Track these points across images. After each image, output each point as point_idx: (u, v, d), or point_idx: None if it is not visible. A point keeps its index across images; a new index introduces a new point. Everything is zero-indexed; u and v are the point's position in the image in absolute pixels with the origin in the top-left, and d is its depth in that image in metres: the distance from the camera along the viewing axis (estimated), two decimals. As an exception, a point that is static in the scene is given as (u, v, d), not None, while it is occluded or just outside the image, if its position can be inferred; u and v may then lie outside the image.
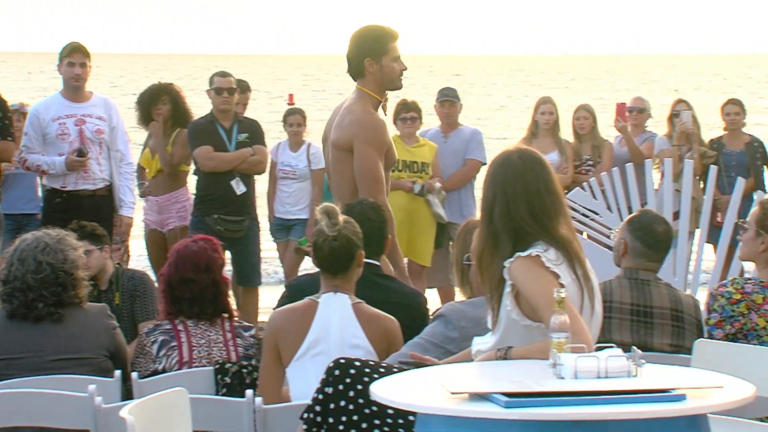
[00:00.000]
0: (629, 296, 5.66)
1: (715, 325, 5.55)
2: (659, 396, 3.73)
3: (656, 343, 5.63)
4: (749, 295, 5.52)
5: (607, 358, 3.93)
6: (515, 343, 4.35)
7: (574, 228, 4.56)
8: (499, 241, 4.36)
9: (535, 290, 4.27)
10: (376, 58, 6.49)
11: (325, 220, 5.14)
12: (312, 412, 4.52)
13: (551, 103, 10.69)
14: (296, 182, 10.47)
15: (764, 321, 5.48)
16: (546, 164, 4.45)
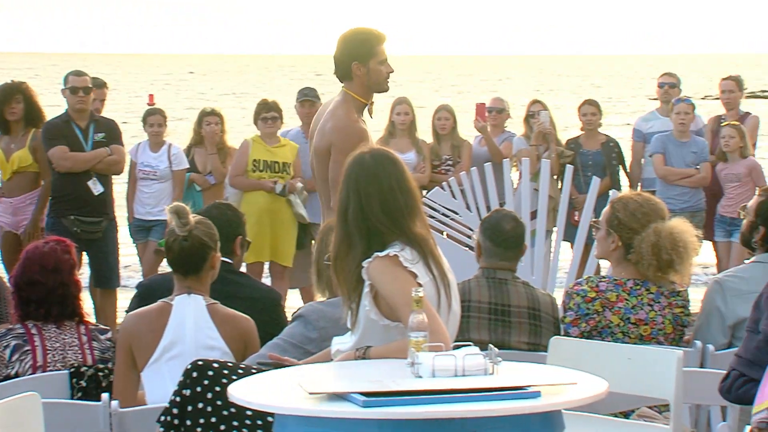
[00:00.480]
0: (487, 295, 5.71)
1: (571, 323, 5.64)
2: (515, 393, 3.77)
3: (514, 341, 5.70)
4: (604, 293, 5.62)
5: (464, 356, 3.97)
6: (374, 343, 4.36)
7: (430, 227, 4.59)
8: (354, 240, 4.37)
9: (394, 290, 4.28)
10: (364, 62, 6.48)
11: (175, 220, 5.10)
12: (169, 414, 4.48)
13: (407, 104, 10.76)
14: (157, 183, 10.35)
15: (618, 318, 5.58)
16: (399, 163, 4.47)
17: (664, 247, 5.50)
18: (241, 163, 10.04)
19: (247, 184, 10.01)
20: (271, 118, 10.10)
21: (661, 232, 5.51)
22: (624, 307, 5.59)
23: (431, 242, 4.43)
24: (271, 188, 9.86)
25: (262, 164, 9.94)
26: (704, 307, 5.82)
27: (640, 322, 5.57)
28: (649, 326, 5.58)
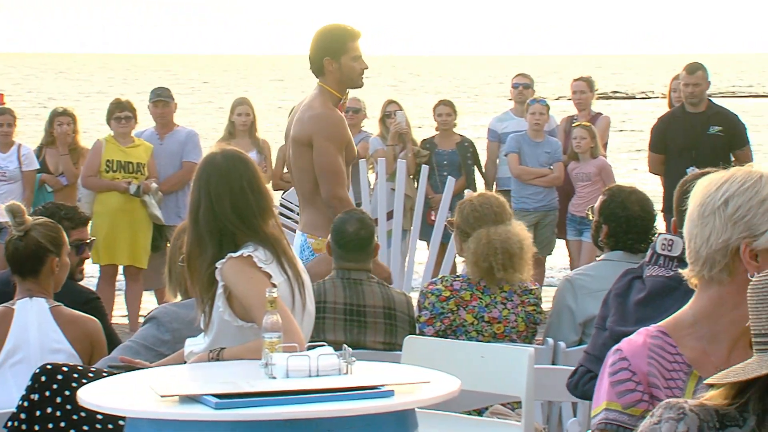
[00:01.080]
0: (342, 296, 5.72)
1: (426, 323, 5.68)
2: (368, 393, 3.78)
3: (369, 341, 5.72)
4: (458, 292, 5.67)
5: (319, 356, 3.96)
6: (228, 344, 4.33)
7: (286, 227, 4.58)
8: (206, 241, 4.34)
9: (248, 290, 4.26)
10: (336, 57, 6.54)
11: (11, 219, 5.00)
12: (17, 420, 4.38)
13: (247, 104, 10.73)
14: (6, 184, 10.14)
15: (472, 317, 5.64)
16: (251, 163, 4.45)
17: (482, 253, 5.60)
18: (94, 163, 9.88)
19: (100, 185, 9.86)
20: (124, 118, 9.96)
21: (481, 239, 5.62)
22: (478, 305, 5.65)
23: (284, 242, 4.42)
24: (125, 189, 9.73)
25: (116, 164, 9.80)
26: (555, 305, 5.91)
27: (493, 321, 5.64)
28: (503, 324, 5.65)
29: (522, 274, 5.67)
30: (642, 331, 2.78)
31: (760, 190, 2.65)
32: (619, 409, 2.69)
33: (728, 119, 9.88)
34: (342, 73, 6.56)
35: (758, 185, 2.66)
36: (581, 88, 11.23)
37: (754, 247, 2.63)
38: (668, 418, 2.22)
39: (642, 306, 4.05)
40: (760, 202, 2.64)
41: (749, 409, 2.19)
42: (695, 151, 9.52)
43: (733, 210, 2.66)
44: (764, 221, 2.63)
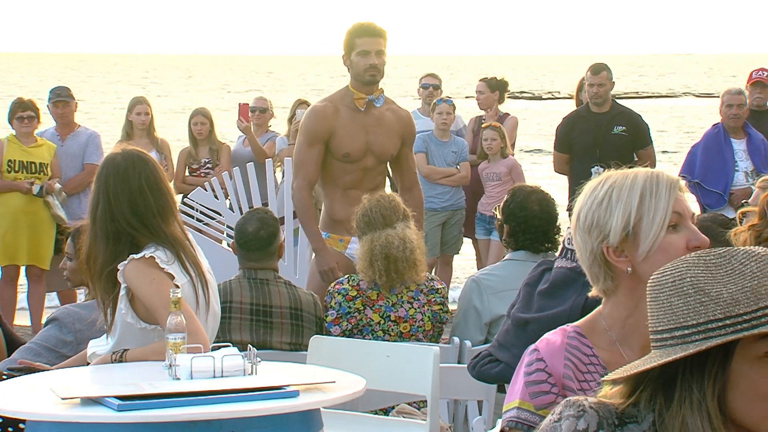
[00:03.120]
0: (249, 296, 5.69)
1: (333, 322, 5.67)
2: (273, 393, 3.76)
3: (275, 342, 5.69)
4: (365, 291, 5.67)
5: (223, 357, 3.94)
6: (132, 346, 4.28)
7: (192, 227, 4.54)
8: (104, 242, 4.28)
9: (151, 292, 4.21)
10: (347, 55, 6.71)
11: None
12: None
13: (146, 104, 10.65)
14: None
15: (378, 316, 5.64)
16: (151, 163, 4.41)
17: (367, 259, 5.62)
18: (-5, 163, 9.72)
19: (2, 186, 9.70)
20: (27, 118, 9.80)
21: (365, 245, 5.65)
22: (384, 305, 5.65)
23: (187, 243, 4.38)
24: (27, 189, 9.58)
25: (18, 165, 9.65)
26: (461, 304, 5.93)
27: (399, 320, 5.65)
28: (409, 323, 5.66)
29: (407, 276, 5.65)
30: (559, 331, 2.79)
31: (598, 193, 2.72)
32: (532, 409, 2.70)
33: (632, 119, 9.99)
34: (353, 69, 6.70)
35: (598, 190, 2.72)
36: (481, 89, 11.31)
37: (611, 244, 2.69)
38: (568, 415, 2.23)
39: (544, 296, 4.11)
40: (599, 204, 2.71)
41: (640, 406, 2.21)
42: (599, 150, 9.61)
43: (583, 221, 2.73)
44: (607, 217, 2.69)
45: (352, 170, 6.73)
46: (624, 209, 2.68)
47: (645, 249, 2.68)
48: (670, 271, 2.21)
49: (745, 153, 9.76)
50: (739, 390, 2.14)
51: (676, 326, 2.17)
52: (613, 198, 2.69)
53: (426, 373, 4.77)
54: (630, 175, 2.72)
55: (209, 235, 8.29)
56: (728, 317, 2.13)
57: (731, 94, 9.89)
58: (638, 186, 2.69)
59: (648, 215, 2.67)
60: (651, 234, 2.67)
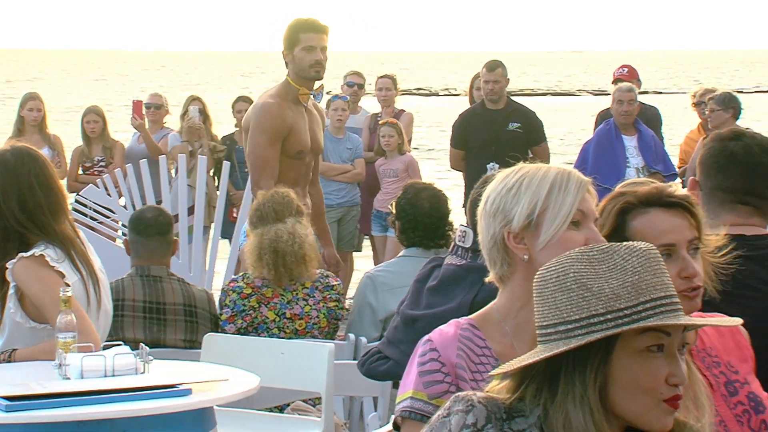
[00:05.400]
0: (141, 293, 5.64)
1: (228, 320, 5.65)
2: (165, 392, 3.74)
3: (170, 339, 5.65)
4: (259, 289, 5.66)
5: (114, 356, 3.91)
6: (21, 346, 4.23)
7: (84, 224, 4.50)
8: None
9: (40, 290, 4.16)
10: (289, 49, 6.66)
11: None
12: None
13: (39, 99, 10.53)
14: None
15: (274, 314, 5.63)
16: (41, 160, 4.35)
17: (255, 253, 5.63)
18: None
19: None
20: None
21: (254, 240, 5.66)
22: (280, 302, 5.65)
23: (78, 241, 4.33)
24: None
25: None
26: (356, 301, 5.94)
27: (295, 317, 5.64)
28: (304, 320, 5.66)
29: (297, 271, 5.65)
30: (453, 323, 2.82)
31: (509, 180, 2.77)
32: (425, 399, 2.71)
33: (527, 116, 10.09)
34: (295, 65, 6.65)
35: (509, 178, 2.78)
36: (386, 86, 11.34)
37: (512, 229, 2.74)
38: (457, 410, 2.25)
39: (433, 292, 4.13)
40: (508, 190, 2.76)
41: (526, 401, 2.24)
42: (495, 146, 9.70)
43: (489, 206, 2.78)
44: (513, 204, 2.75)
45: (298, 167, 6.75)
46: (531, 198, 2.73)
47: (545, 240, 2.72)
48: (555, 267, 2.25)
49: (636, 149, 9.92)
50: (620, 383, 2.18)
51: (559, 321, 2.21)
52: (522, 186, 2.74)
53: (320, 370, 4.78)
54: (543, 168, 2.78)
55: (102, 233, 8.20)
56: (609, 312, 2.17)
57: (622, 91, 10.05)
58: (549, 179, 2.75)
59: (554, 208, 2.73)
60: (553, 226, 2.72)
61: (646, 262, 2.21)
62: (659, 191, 2.95)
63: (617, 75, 10.94)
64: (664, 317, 2.17)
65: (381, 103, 11.35)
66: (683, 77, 74.83)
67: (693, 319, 2.25)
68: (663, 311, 2.17)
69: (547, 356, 2.18)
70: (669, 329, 2.18)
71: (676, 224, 2.90)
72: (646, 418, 2.20)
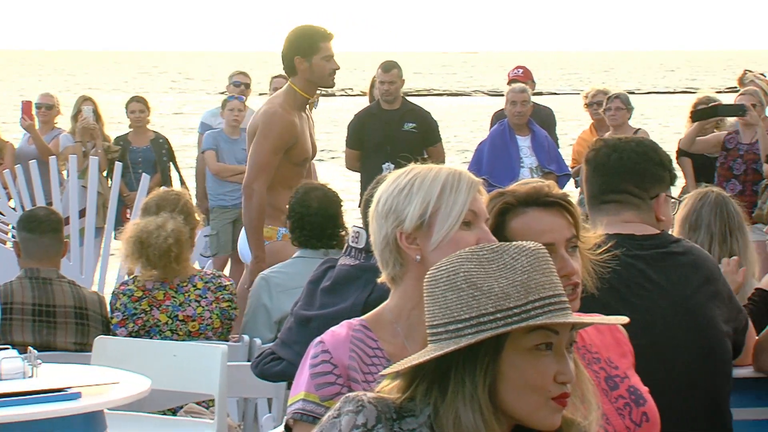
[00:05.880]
0: (30, 296, 5.55)
1: (119, 324, 5.58)
2: (53, 396, 3.69)
3: (60, 342, 5.57)
4: (150, 291, 5.60)
5: (1, 360, 3.84)
6: None
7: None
8: None
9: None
10: (307, 57, 6.71)
11: None
12: None
13: None
14: None
15: (166, 316, 5.57)
16: None
17: (129, 243, 5.61)
18: None
19: None
20: None
21: (128, 229, 5.64)
22: (172, 304, 5.59)
23: None
24: None
25: None
26: (251, 302, 5.91)
27: (188, 319, 5.60)
28: (197, 322, 5.61)
29: (161, 264, 5.59)
30: (345, 324, 2.82)
31: (401, 181, 2.78)
32: (317, 400, 2.71)
33: (422, 116, 10.14)
34: (312, 73, 6.73)
35: (400, 179, 2.79)
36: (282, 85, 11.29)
37: (405, 230, 2.75)
38: (347, 411, 2.25)
39: (327, 293, 4.14)
40: (400, 191, 2.77)
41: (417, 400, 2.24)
42: (390, 147, 9.72)
43: (381, 206, 2.79)
44: (405, 204, 2.76)
45: (300, 173, 6.87)
46: (423, 198, 2.74)
47: (437, 240, 2.74)
48: (445, 266, 2.25)
49: (530, 149, 10.01)
50: (510, 382, 2.19)
51: (450, 320, 2.21)
52: (414, 187, 2.76)
53: (214, 371, 4.75)
54: (435, 168, 2.80)
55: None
56: (499, 311, 2.18)
57: (515, 92, 10.13)
58: (441, 179, 2.76)
59: (445, 208, 2.74)
60: (445, 226, 2.74)
61: (535, 261, 2.23)
62: (537, 191, 2.98)
63: (512, 76, 11.05)
64: (553, 316, 2.18)
65: None
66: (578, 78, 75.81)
67: (581, 318, 2.27)
68: (552, 310, 2.19)
69: (438, 355, 2.19)
70: (557, 328, 2.20)
71: (554, 223, 2.94)
72: (534, 416, 2.21)
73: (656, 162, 3.86)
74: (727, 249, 4.69)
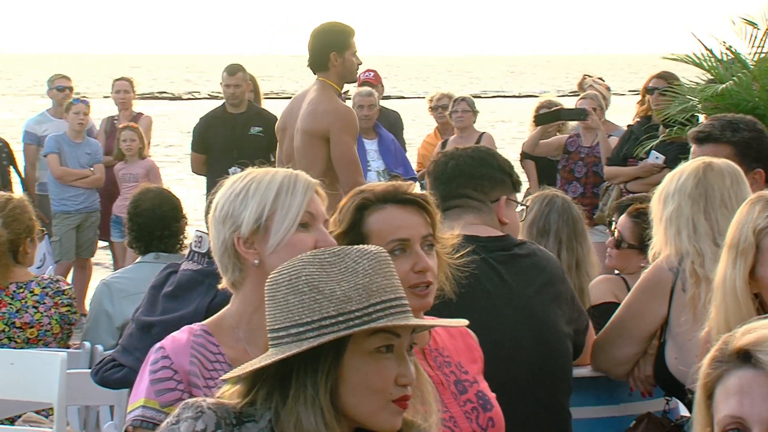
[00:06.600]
0: None
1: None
2: None
3: None
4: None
5: None
6: None
7: None
8: None
9: None
10: (341, 52, 6.81)
11: None
12: None
13: None
14: None
15: (2, 324, 5.44)
16: None
17: None
18: None
19: None
20: None
21: None
22: (8, 311, 5.47)
23: None
24: None
25: None
26: (92, 308, 5.81)
27: (25, 326, 5.47)
28: (36, 329, 5.49)
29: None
30: (186, 329, 2.80)
31: (237, 186, 2.79)
32: (157, 407, 2.69)
33: (268, 120, 10.10)
34: (344, 68, 6.85)
35: (237, 184, 2.79)
36: (124, 88, 11.18)
37: (242, 235, 2.75)
38: (187, 417, 2.22)
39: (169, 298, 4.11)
40: (236, 196, 2.78)
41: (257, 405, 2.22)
42: (237, 151, 9.66)
43: (218, 212, 2.79)
44: (242, 209, 2.76)
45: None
46: (259, 202, 2.74)
47: (274, 243, 2.74)
48: (287, 270, 2.24)
49: (377, 153, 10.05)
50: (351, 385, 2.19)
51: (291, 324, 2.20)
52: (250, 191, 2.76)
53: (53, 379, 4.65)
54: (271, 172, 2.80)
55: None
56: (341, 314, 2.18)
57: (362, 96, 10.17)
58: (276, 182, 2.77)
59: (281, 211, 2.75)
60: (282, 229, 2.74)
61: (377, 264, 2.23)
62: (395, 188, 3.02)
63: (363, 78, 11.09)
64: (394, 318, 2.19)
65: (119, 106, 11.16)
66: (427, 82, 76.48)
67: (421, 321, 2.28)
68: (393, 313, 2.19)
69: (279, 359, 2.17)
70: (398, 330, 2.20)
71: (410, 220, 2.98)
72: (375, 419, 2.21)
73: (494, 166, 3.93)
74: (574, 255, 4.78)
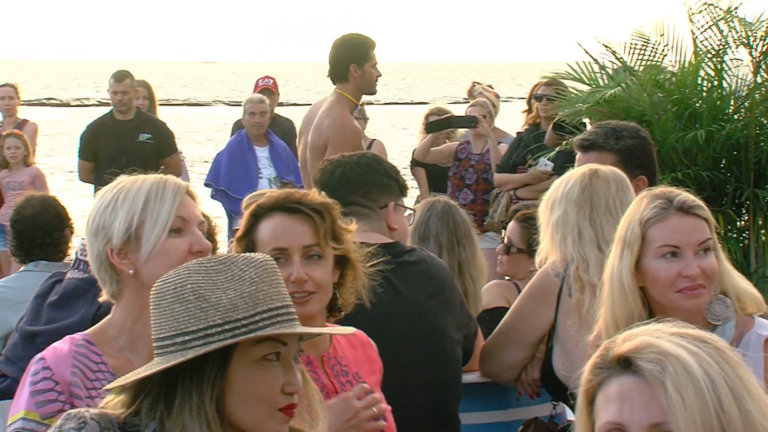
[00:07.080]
0: None
1: None
2: None
3: None
4: None
5: None
6: None
7: None
8: None
9: None
10: (361, 64, 6.81)
11: None
12: None
13: None
14: None
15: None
16: None
17: None
18: None
19: None
20: None
21: None
22: None
23: None
24: None
25: None
26: (-24, 318, 5.71)
27: None
28: None
29: None
30: (68, 339, 2.77)
31: (107, 197, 2.77)
32: (38, 419, 2.65)
33: (157, 127, 10.03)
34: (364, 80, 6.86)
35: (106, 195, 2.77)
36: (9, 94, 11.03)
37: (114, 246, 2.73)
38: (69, 428, 2.19)
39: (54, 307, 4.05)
40: (105, 207, 2.76)
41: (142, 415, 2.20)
42: (125, 158, 9.56)
43: (91, 225, 2.76)
44: (112, 220, 2.74)
45: None
46: (128, 211, 2.72)
47: (147, 251, 2.72)
48: (172, 278, 2.22)
49: (269, 160, 10.03)
50: (238, 393, 2.17)
51: (177, 333, 2.18)
52: (119, 201, 2.73)
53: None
54: (140, 179, 2.78)
55: None
56: (227, 322, 2.16)
57: (253, 103, 10.14)
58: (144, 190, 2.74)
59: (151, 218, 2.72)
60: (153, 236, 2.72)
61: (264, 272, 2.22)
62: (286, 196, 3.01)
63: (262, 85, 11.04)
64: (281, 326, 2.18)
65: (4, 113, 11.00)
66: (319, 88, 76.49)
67: (308, 329, 2.28)
68: (280, 321, 2.18)
69: (164, 368, 2.15)
70: (285, 338, 2.19)
71: (291, 229, 2.97)
72: (262, 427, 2.20)
73: (381, 172, 3.93)
74: (456, 258, 4.79)
